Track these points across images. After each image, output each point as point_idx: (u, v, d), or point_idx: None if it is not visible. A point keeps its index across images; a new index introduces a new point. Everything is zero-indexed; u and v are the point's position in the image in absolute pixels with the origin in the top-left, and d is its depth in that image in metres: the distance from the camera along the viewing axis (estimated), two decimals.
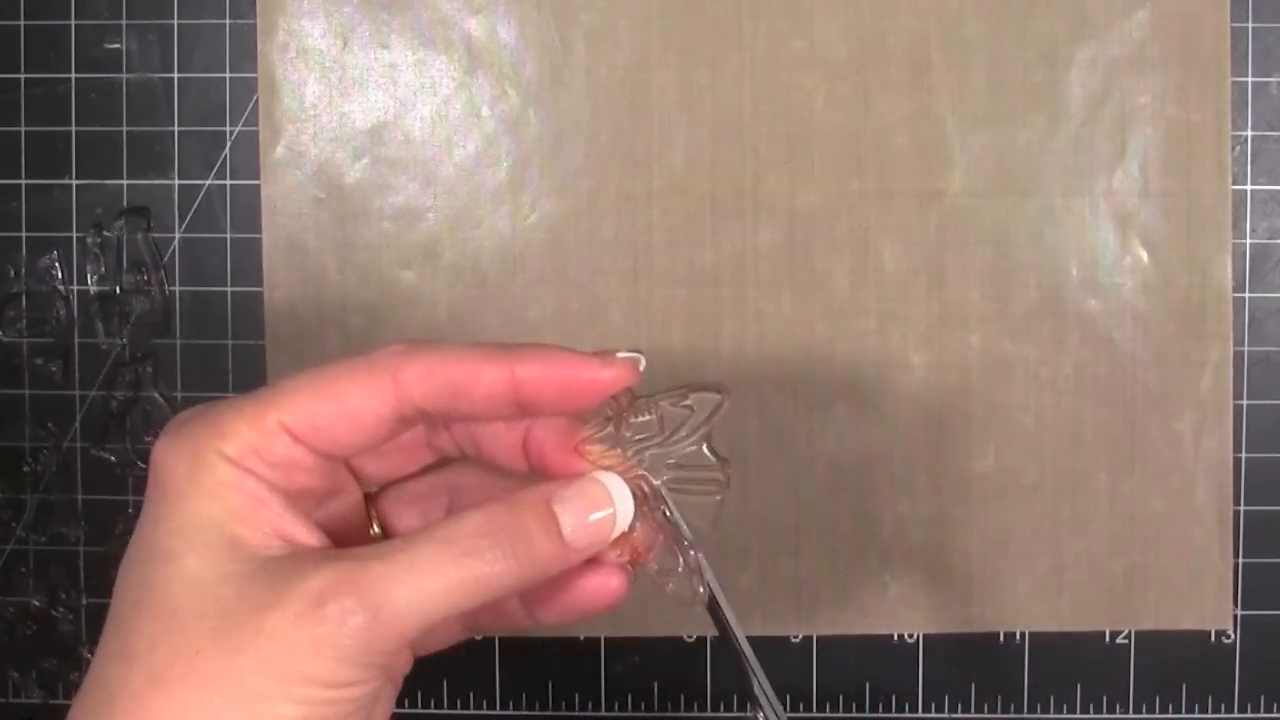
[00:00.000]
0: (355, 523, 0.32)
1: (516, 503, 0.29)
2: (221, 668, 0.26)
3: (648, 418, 0.30)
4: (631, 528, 0.30)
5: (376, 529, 0.32)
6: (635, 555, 0.30)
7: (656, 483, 0.30)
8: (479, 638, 0.33)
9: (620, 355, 0.29)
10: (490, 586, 0.27)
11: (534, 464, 0.31)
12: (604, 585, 0.30)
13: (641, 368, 0.30)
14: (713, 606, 0.31)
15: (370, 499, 0.33)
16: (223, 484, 0.28)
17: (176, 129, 0.47)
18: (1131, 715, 0.47)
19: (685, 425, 0.30)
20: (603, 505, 0.29)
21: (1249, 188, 0.47)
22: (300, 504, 0.29)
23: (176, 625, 0.27)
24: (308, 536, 0.29)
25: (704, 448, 0.30)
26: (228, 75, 0.47)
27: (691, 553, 0.30)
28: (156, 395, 0.48)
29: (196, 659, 0.26)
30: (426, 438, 0.32)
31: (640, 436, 0.30)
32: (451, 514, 0.30)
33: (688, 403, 0.30)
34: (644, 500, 0.30)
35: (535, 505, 0.28)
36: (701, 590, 0.30)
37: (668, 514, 0.30)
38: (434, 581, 0.27)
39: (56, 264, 0.48)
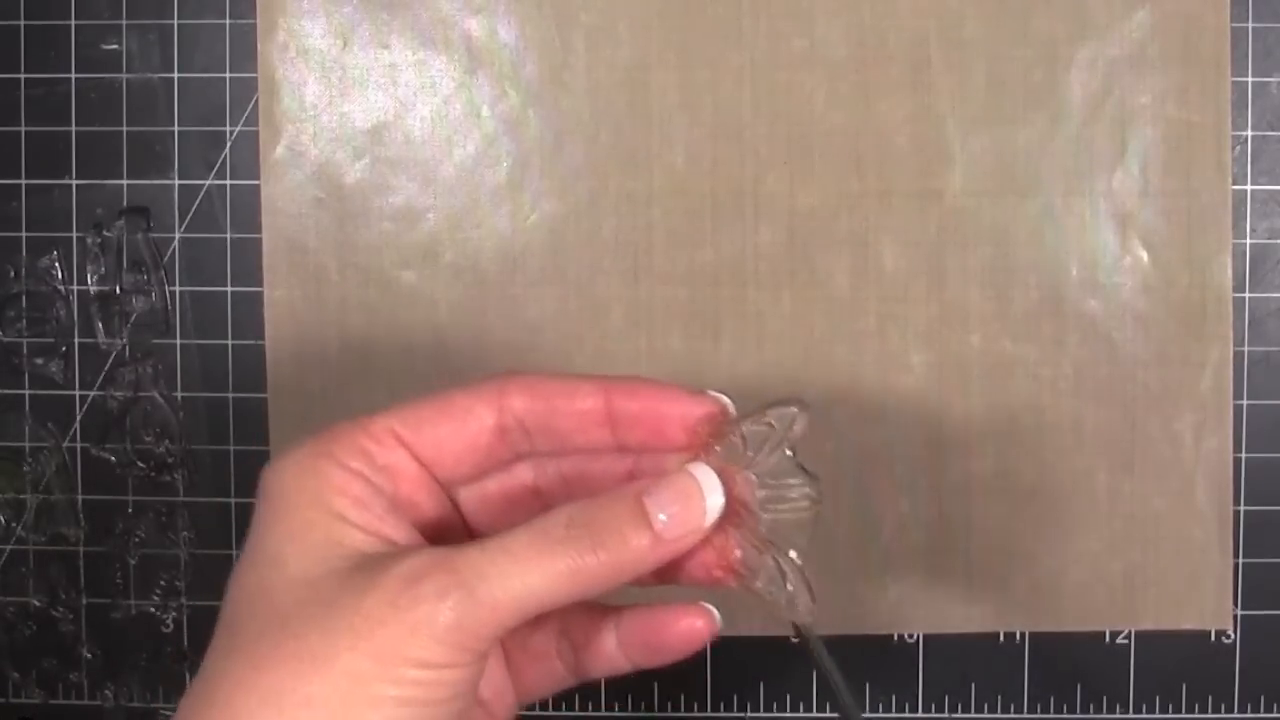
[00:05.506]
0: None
1: (608, 496, 0.29)
2: (318, 649, 0.27)
3: (733, 438, 0.30)
4: (727, 547, 0.30)
5: None
6: (730, 570, 0.30)
7: (748, 496, 0.30)
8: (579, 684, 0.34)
9: (711, 393, 0.31)
10: (584, 578, 0.28)
11: None
12: (690, 628, 0.31)
13: (732, 410, 0.30)
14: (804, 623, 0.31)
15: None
16: (328, 487, 0.29)
17: (176, 129, 0.47)
18: (1131, 715, 0.47)
19: (768, 443, 0.30)
20: (693, 495, 0.29)
21: (1249, 188, 0.47)
22: (402, 511, 0.30)
23: (280, 619, 0.27)
24: (407, 539, 0.29)
25: (793, 464, 0.30)
26: (228, 75, 0.47)
27: (794, 556, 0.30)
28: (156, 395, 0.48)
29: (295, 643, 0.27)
30: (534, 483, 0.32)
31: (727, 460, 0.30)
32: None
33: (767, 419, 0.30)
34: (739, 515, 0.30)
35: (625, 498, 0.29)
36: (811, 600, 0.30)
37: (762, 529, 0.30)
38: (528, 568, 0.27)
39: (56, 264, 0.48)
